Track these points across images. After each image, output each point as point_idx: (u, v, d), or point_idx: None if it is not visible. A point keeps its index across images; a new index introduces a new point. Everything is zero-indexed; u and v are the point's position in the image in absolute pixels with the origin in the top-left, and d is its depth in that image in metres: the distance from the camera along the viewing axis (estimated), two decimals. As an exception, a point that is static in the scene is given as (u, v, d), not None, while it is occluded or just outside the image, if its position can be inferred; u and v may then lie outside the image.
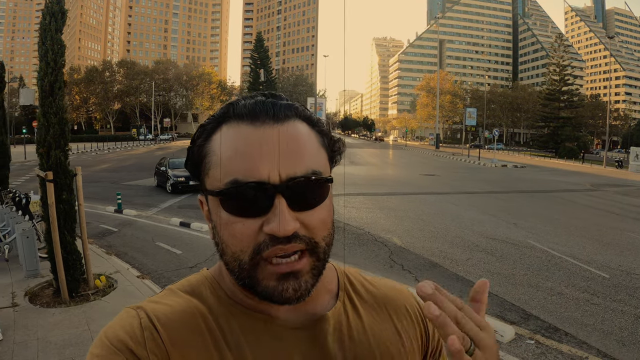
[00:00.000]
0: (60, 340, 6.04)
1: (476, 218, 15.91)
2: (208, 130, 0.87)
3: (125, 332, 0.81)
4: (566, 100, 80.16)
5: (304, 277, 0.82)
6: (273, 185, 0.78)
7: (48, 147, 7.40)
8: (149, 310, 0.85)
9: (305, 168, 0.81)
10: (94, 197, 19.54)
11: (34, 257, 8.69)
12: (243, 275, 0.82)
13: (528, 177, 34.29)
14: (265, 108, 0.84)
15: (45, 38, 7.52)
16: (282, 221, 0.77)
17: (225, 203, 0.81)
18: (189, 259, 10.48)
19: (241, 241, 0.80)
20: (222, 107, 0.89)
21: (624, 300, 8.08)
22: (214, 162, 0.83)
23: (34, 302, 7.37)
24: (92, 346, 0.82)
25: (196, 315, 0.86)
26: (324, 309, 0.94)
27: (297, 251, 0.80)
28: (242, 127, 0.82)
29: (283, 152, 0.80)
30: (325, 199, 0.84)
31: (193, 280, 0.95)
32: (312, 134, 0.87)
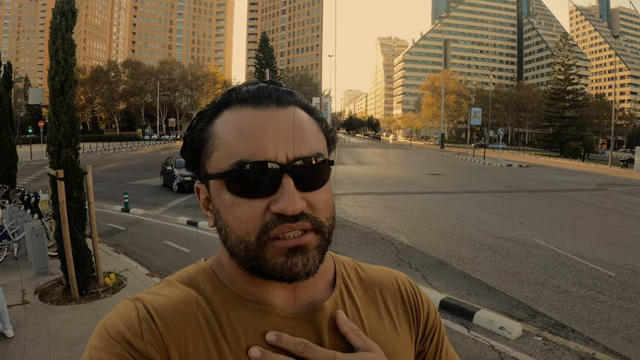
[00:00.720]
0: (72, 337, 6.08)
1: (482, 217, 15.92)
2: (209, 115, 0.88)
3: (123, 323, 0.81)
4: (571, 100, 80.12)
5: (312, 252, 0.82)
6: (280, 165, 0.79)
7: (59, 145, 7.47)
8: (146, 301, 0.85)
9: (310, 149, 0.83)
10: (101, 197, 19.59)
11: (44, 255, 8.75)
12: (250, 257, 0.82)
13: (533, 177, 34.25)
14: (268, 93, 0.85)
15: (56, 37, 7.58)
16: (291, 199, 0.78)
17: (230, 184, 0.81)
18: (197, 257, 10.38)
19: (247, 223, 0.80)
20: (223, 93, 0.90)
21: (630, 298, 8.10)
22: (218, 144, 0.84)
23: (44, 299, 7.43)
24: (90, 338, 0.82)
25: (193, 306, 0.86)
26: (321, 298, 0.94)
27: (304, 229, 0.81)
28: (245, 111, 0.84)
29: (288, 134, 0.81)
30: (327, 181, 0.86)
31: (190, 271, 0.96)
32: (311, 120, 0.89)
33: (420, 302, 1.07)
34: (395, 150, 72.37)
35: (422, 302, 1.08)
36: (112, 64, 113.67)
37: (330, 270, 1.01)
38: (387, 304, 1.02)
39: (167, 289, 0.90)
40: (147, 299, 0.85)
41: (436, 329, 1.08)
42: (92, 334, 0.83)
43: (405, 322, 1.03)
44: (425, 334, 1.06)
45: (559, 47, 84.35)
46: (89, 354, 0.80)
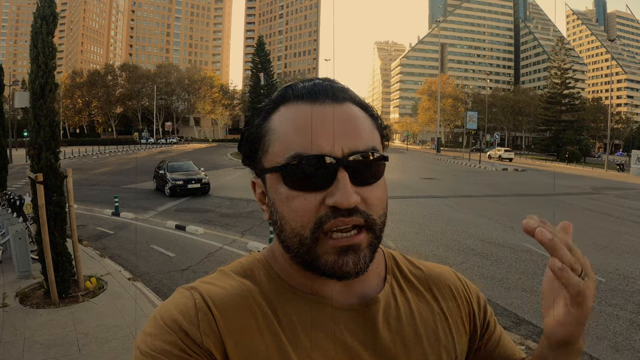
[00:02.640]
0: (46, 340, 6.07)
1: (473, 221, 15.85)
2: (266, 111, 0.90)
3: (180, 311, 0.81)
4: (568, 104, 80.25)
5: (363, 251, 0.83)
6: (336, 159, 0.80)
7: (39, 149, 7.41)
8: (203, 291, 0.85)
9: (365, 144, 0.84)
10: (93, 200, 19.57)
11: (27, 258, 8.72)
12: (303, 251, 0.83)
13: (528, 181, 34.18)
14: (324, 89, 0.87)
15: (37, 41, 7.54)
16: (345, 193, 0.78)
17: (286, 178, 0.82)
18: (182, 261, 10.45)
19: (302, 216, 0.81)
20: (279, 90, 0.92)
21: (619, 305, 8.02)
22: (274, 139, 0.85)
23: (24, 302, 7.40)
24: (145, 325, 0.83)
25: (249, 298, 0.87)
26: (373, 291, 0.96)
27: (356, 226, 0.82)
28: (302, 106, 0.85)
29: (344, 129, 0.83)
30: (381, 177, 0.87)
31: (245, 262, 0.97)
32: (366, 116, 0.90)
33: (471, 295, 1.09)
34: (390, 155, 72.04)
35: (472, 295, 1.10)
36: (110, 68, 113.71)
37: (381, 264, 1.02)
38: (437, 298, 1.04)
39: (223, 279, 0.90)
40: (204, 289, 0.86)
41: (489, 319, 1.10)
42: (147, 321, 0.84)
43: (457, 315, 1.04)
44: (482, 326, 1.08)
45: (556, 51, 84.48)
46: (143, 340, 0.80)
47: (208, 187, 22.33)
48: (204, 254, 11.03)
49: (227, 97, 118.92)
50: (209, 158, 49.54)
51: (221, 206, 18.64)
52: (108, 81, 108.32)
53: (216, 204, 19.28)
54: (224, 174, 33.20)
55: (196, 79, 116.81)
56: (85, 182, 27.31)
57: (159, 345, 0.78)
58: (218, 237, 12.92)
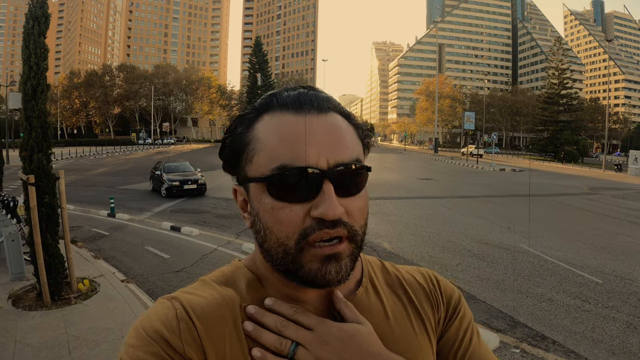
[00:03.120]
0: (37, 343, 6.01)
1: (469, 222, 15.81)
2: (248, 119, 0.90)
3: (161, 322, 0.82)
4: (565, 104, 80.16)
5: (344, 260, 0.84)
6: (321, 170, 0.80)
7: (30, 150, 7.35)
8: (184, 301, 0.85)
9: (349, 155, 0.84)
10: (89, 201, 19.52)
11: (20, 260, 8.64)
12: (287, 261, 0.83)
13: (526, 181, 34.21)
14: (309, 99, 0.87)
15: (28, 42, 7.47)
16: (331, 205, 0.79)
17: (271, 188, 0.82)
18: (176, 263, 10.38)
19: (287, 227, 0.81)
20: (263, 97, 0.92)
21: (617, 307, 7.95)
22: (259, 148, 0.85)
23: (16, 305, 7.33)
24: (127, 336, 0.83)
25: (230, 307, 0.87)
26: (349, 294, 0.96)
27: (339, 237, 0.82)
28: (286, 116, 0.85)
29: (329, 140, 0.83)
30: (363, 188, 0.88)
31: (227, 271, 0.97)
32: (349, 126, 0.90)
33: (440, 292, 1.07)
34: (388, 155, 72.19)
35: (443, 292, 1.08)
36: (107, 68, 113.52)
37: (357, 270, 1.01)
38: (412, 300, 1.04)
39: (204, 289, 0.90)
40: (185, 299, 0.86)
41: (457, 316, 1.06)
42: (129, 332, 0.84)
43: (431, 314, 1.04)
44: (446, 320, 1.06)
45: (553, 52, 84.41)
46: (126, 351, 0.80)
47: (204, 187, 22.27)
48: (199, 255, 10.96)
49: (225, 97, 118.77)
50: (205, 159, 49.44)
51: (217, 207, 18.58)
52: (106, 82, 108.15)
53: (212, 204, 19.23)
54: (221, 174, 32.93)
55: (194, 80, 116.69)
56: (81, 183, 27.29)
57: (141, 356, 0.79)
58: (213, 239, 12.86)
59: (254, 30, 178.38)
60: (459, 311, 1.07)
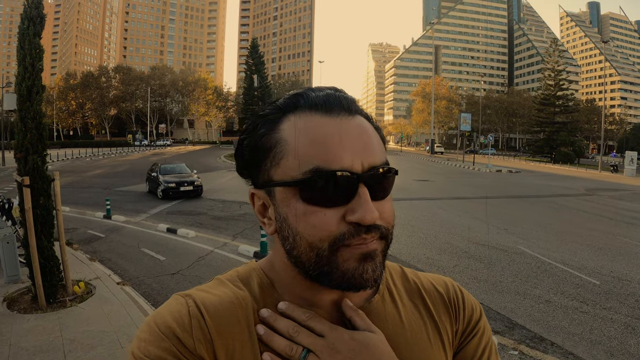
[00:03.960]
0: (32, 347, 5.97)
1: (467, 224, 15.78)
2: (271, 119, 0.87)
3: (174, 318, 0.82)
4: (561, 105, 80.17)
5: (378, 257, 0.82)
6: (357, 174, 0.79)
7: (25, 152, 7.31)
8: (197, 298, 0.86)
9: (380, 159, 0.83)
10: (85, 203, 19.44)
11: (15, 262, 8.60)
12: (321, 264, 0.81)
13: (522, 182, 34.21)
14: (338, 100, 0.85)
15: (24, 42, 7.43)
16: (368, 210, 0.77)
17: (304, 192, 0.80)
18: (172, 265, 10.33)
19: (322, 231, 0.79)
20: (287, 97, 0.89)
21: (614, 308, 7.94)
22: (288, 151, 0.82)
23: (11, 307, 7.29)
24: (139, 331, 0.83)
25: (243, 307, 0.87)
26: (365, 301, 0.94)
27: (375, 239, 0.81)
28: (316, 117, 0.83)
29: (361, 143, 0.82)
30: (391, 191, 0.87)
31: (242, 271, 0.96)
32: (374, 129, 0.89)
33: (462, 305, 1.04)
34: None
35: (465, 305, 1.05)
36: (103, 69, 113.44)
37: None
38: (430, 310, 1.01)
39: (218, 287, 0.90)
40: (198, 296, 0.86)
41: (477, 332, 1.03)
42: (141, 326, 0.84)
43: (449, 326, 1.01)
44: (465, 335, 1.02)
45: (549, 53, 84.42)
46: (138, 345, 0.81)
47: (201, 189, 22.23)
48: (195, 257, 10.90)
49: (221, 99, 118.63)
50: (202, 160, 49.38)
51: (213, 209, 18.52)
52: (102, 83, 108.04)
53: (208, 206, 19.16)
54: (217, 176, 33.06)
55: (190, 81, 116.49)
56: (77, 184, 27.18)
57: (153, 351, 0.79)
58: (209, 241, 12.82)
59: (251, 32, 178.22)
60: (479, 327, 1.03)
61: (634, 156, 47.16)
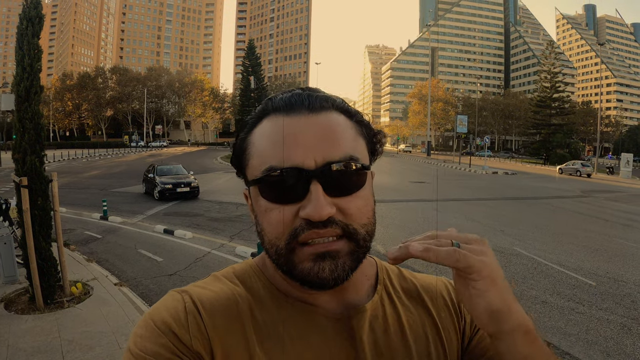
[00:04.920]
0: (30, 347, 5.96)
1: (463, 225, 15.81)
2: (250, 124, 0.91)
3: (170, 315, 0.83)
4: (557, 107, 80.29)
5: (342, 258, 0.81)
6: (308, 171, 0.79)
7: (23, 152, 7.29)
8: (193, 294, 0.87)
9: (342, 154, 0.82)
10: (81, 204, 19.39)
11: (12, 263, 8.57)
12: (281, 262, 0.83)
13: (518, 184, 34.27)
14: (300, 99, 0.86)
15: (22, 43, 7.41)
16: (317, 205, 0.77)
17: (263, 190, 0.83)
18: (169, 266, 10.34)
19: (277, 228, 0.81)
20: (262, 102, 0.92)
21: (610, 309, 7.97)
22: (253, 152, 0.86)
23: (9, 308, 7.28)
24: (136, 327, 0.84)
25: (239, 303, 0.88)
26: (363, 301, 0.95)
27: (333, 236, 0.81)
28: (278, 119, 0.85)
29: (318, 139, 0.82)
30: (362, 187, 0.85)
31: (238, 268, 0.98)
32: (350, 123, 0.88)
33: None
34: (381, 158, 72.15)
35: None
36: (100, 70, 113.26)
37: (372, 276, 1.01)
38: (429, 309, 1.01)
39: (215, 284, 0.92)
40: (195, 292, 0.88)
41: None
42: (138, 322, 0.85)
43: (451, 326, 1.01)
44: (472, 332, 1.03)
45: (545, 55, 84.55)
46: (134, 342, 0.82)
47: (197, 190, 22.22)
48: (192, 258, 10.92)
49: (218, 100, 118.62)
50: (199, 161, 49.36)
51: (210, 210, 18.51)
52: (98, 84, 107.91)
53: (205, 207, 19.15)
54: (214, 177, 33.07)
55: (187, 82, 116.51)
56: (74, 185, 27.12)
57: (149, 347, 0.80)
58: (206, 242, 12.82)
59: (247, 33, 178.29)
60: None
61: (629, 158, 47.31)
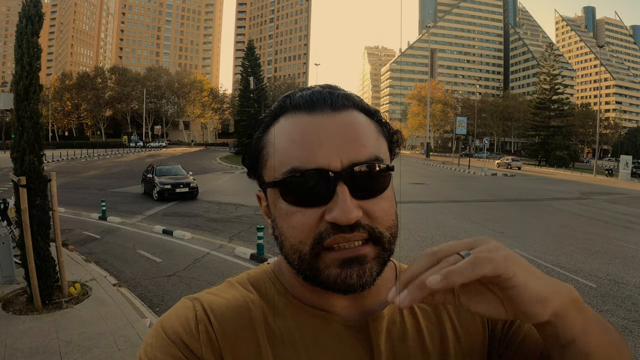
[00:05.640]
0: (27, 348, 5.92)
1: (462, 227, 15.79)
2: (265, 123, 0.87)
3: (180, 323, 0.81)
4: (556, 109, 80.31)
5: (369, 263, 0.79)
6: (334, 172, 0.76)
7: (22, 151, 7.25)
8: (205, 302, 0.85)
9: (367, 154, 0.79)
10: (80, 204, 19.35)
11: (10, 263, 8.52)
12: (304, 267, 0.80)
13: (517, 186, 34.22)
14: (322, 97, 0.83)
15: (21, 41, 7.38)
16: (345, 208, 0.74)
17: (284, 193, 0.79)
18: (168, 267, 10.29)
19: (301, 232, 0.78)
20: (279, 100, 0.88)
21: (611, 311, 7.95)
22: (271, 152, 0.82)
23: (7, 309, 7.23)
24: (147, 335, 0.83)
25: (252, 310, 0.85)
26: (380, 306, 0.91)
27: (360, 240, 0.78)
28: (299, 117, 0.82)
29: (343, 139, 0.78)
30: (386, 188, 0.83)
31: (253, 274, 0.96)
32: (371, 123, 0.86)
33: None
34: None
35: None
36: (99, 70, 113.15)
37: (391, 278, 0.97)
38: (449, 313, 0.97)
39: (228, 290, 0.90)
40: (206, 300, 0.86)
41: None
42: (149, 331, 0.83)
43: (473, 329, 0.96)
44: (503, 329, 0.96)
45: (545, 57, 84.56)
46: (145, 351, 0.81)
47: (196, 191, 22.19)
48: (191, 259, 10.87)
49: (217, 101, 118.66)
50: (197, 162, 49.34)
51: (209, 211, 18.46)
52: (97, 84, 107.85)
53: (204, 208, 19.10)
54: (213, 178, 33.08)
55: (186, 83, 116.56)
56: (72, 185, 27.07)
57: (159, 357, 0.79)
58: (206, 242, 12.78)
59: (247, 34, 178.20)
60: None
61: (628, 160, 47.32)
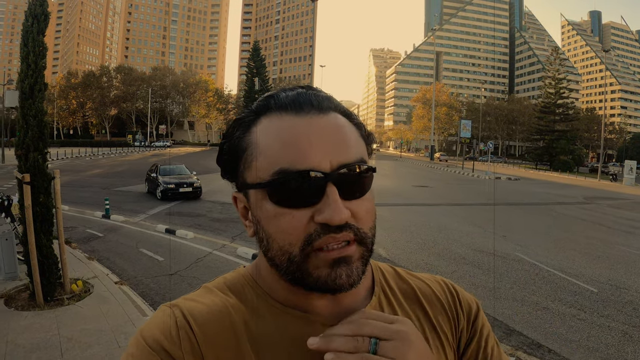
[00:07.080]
0: (29, 344, 5.95)
1: (465, 230, 15.78)
2: (246, 122, 0.86)
3: (161, 331, 0.80)
4: (561, 114, 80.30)
5: (355, 263, 0.79)
6: (324, 173, 0.76)
7: (26, 149, 7.30)
8: (184, 308, 0.84)
9: (354, 156, 0.80)
10: (84, 202, 19.41)
11: (13, 259, 8.57)
12: (293, 269, 0.79)
13: (521, 190, 34.20)
14: (308, 99, 0.83)
15: (27, 40, 7.43)
16: (336, 209, 0.75)
17: (272, 195, 0.78)
18: (170, 266, 10.33)
19: (290, 234, 0.78)
20: (260, 99, 0.88)
21: (612, 316, 7.94)
22: (257, 153, 0.81)
23: (9, 305, 7.26)
24: (129, 344, 0.82)
25: (232, 314, 0.85)
26: (360, 305, 0.91)
27: (347, 240, 0.78)
28: (285, 118, 0.81)
29: (331, 141, 0.79)
30: (369, 189, 0.83)
31: (230, 278, 0.94)
32: (351, 125, 0.86)
33: (458, 302, 1.01)
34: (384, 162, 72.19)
35: (462, 303, 1.01)
36: (105, 69, 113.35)
37: (368, 277, 0.97)
38: (427, 312, 0.98)
39: (206, 296, 0.88)
40: (185, 306, 0.85)
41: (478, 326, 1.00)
42: (130, 340, 0.82)
43: (448, 330, 0.98)
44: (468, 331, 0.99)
45: (550, 61, 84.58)
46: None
47: (200, 191, 22.20)
48: (193, 258, 10.89)
49: (222, 101, 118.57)
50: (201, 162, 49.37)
51: (212, 211, 18.51)
52: (103, 83, 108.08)
53: (207, 208, 19.14)
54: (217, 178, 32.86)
55: (191, 83, 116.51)
56: (76, 183, 27.14)
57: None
58: (208, 242, 12.80)
59: (253, 35, 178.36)
60: (479, 322, 1.01)
61: (633, 165, 47.26)
